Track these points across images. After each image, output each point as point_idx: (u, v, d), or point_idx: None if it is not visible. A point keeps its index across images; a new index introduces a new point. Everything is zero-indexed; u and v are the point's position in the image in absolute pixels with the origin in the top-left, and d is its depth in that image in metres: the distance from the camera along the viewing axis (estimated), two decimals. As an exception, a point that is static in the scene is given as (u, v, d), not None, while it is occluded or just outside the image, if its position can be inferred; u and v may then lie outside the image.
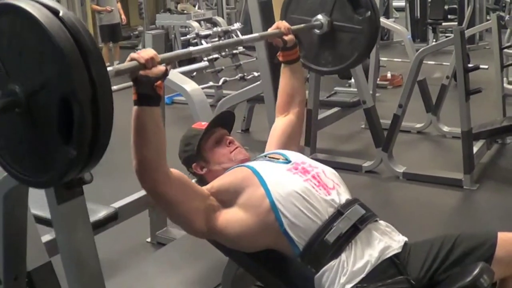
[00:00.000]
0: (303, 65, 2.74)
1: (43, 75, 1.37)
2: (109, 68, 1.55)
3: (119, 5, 10.23)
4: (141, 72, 1.74)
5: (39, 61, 1.37)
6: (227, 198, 2.01)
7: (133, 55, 1.76)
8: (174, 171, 1.91)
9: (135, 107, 1.79)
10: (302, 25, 2.74)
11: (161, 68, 1.78)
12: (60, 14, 1.36)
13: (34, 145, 1.46)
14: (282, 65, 2.50)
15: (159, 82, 1.77)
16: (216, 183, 2.05)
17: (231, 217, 1.99)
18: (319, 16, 2.82)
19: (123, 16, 10.13)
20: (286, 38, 2.42)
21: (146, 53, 1.76)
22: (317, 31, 2.82)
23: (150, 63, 1.75)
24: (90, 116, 1.34)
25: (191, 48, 2.03)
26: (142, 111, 1.78)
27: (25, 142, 1.47)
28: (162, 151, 1.85)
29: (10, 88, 1.41)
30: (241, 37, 2.37)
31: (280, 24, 2.45)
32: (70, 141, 1.36)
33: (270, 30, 2.47)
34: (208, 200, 2.00)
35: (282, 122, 2.43)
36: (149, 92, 1.77)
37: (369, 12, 2.75)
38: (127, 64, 1.73)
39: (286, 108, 2.46)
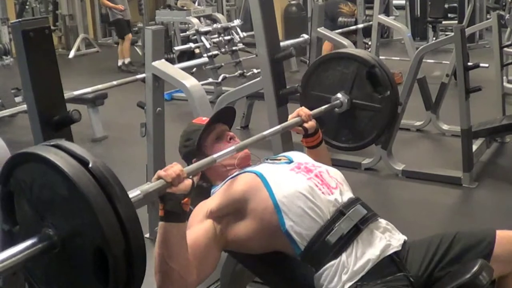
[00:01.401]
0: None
1: (76, 224, 1.38)
2: (136, 192, 1.58)
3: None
4: (168, 190, 1.72)
5: (71, 210, 1.38)
6: (232, 209, 2.00)
7: (160, 173, 1.72)
8: (190, 259, 1.85)
9: (161, 223, 1.76)
10: (323, 108, 2.75)
11: (188, 183, 1.75)
12: (90, 166, 1.36)
13: (70, 283, 1.46)
14: (306, 148, 2.46)
15: (186, 199, 1.75)
16: (214, 205, 2.01)
17: (238, 226, 1.98)
18: (339, 95, 2.86)
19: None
20: (306, 125, 2.39)
21: (172, 170, 1.73)
22: (337, 109, 2.85)
23: (177, 180, 1.72)
24: (124, 265, 1.35)
25: (215, 155, 1.97)
26: (169, 227, 1.76)
27: (62, 279, 1.48)
28: (187, 261, 1.82)
29: (45, 232, 1.41)
30: (264, 133, 2.28)
31: (301, 112, 2.41)
32: (106, 284, 1.37)
33: (290, 118, 2.43)
34: (216, 231, 1.97)
35: None
36: (176, 209, 1.75)
37: (389, 91, 2.78)
38: (154, 184, 1.70)
39: None
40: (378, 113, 2.81)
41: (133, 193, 1.57)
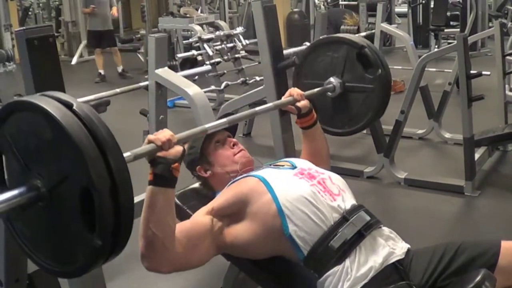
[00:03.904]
0: None
1: (62, 169, 1.39)
2: (127, 154, 1.58)
3: (114, 10, 10.03)
4: (159, 154, 1.74)
5: (57, 155, 1.39)
6: (234, 211, 2.00)
7: (150, 137, 1.76)
8: (176, 234, 1.85)
9: (149, 187, 1.77)
10: (315, 90, 2.75)
11: (178, 149, 1.78)
12: (74, 107, 1.38)
13: (58, 236, 1.47)
14: (302, 130, 2.46)
15: (176, 164, 1.76)
16: (216, 203, 2.02)
17: (239, 228, 1.98)
18: (331, 79, 2.87)
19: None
20: (299, 104, 2.39)
21: (163, 134, 1.76)
22: (330, 94, 2.85)
23: (167, 144, 1.75)
24: (111, 205, 1.36)
25: (207, 125, 2.00)
26: (157, 191, 1.77)
27: (50, 233, 1.48)
28: (172, 232, 1.83)
29: (32, 183, 1.42)
30: (256, 109, 2.32)
31: (293, 91, 2.42)
32: (94, 231, 1.37)
33: (283, 98, 2.44)
34: (214, 228, 1.97)
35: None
36: (166, 174, 1.76)
37: (380, 70, 2.79)
38: (144, 147, 1.73)
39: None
40: (371, 93, 2.81)
41: (124, 155, 1.57)
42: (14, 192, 1.40)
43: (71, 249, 1.45)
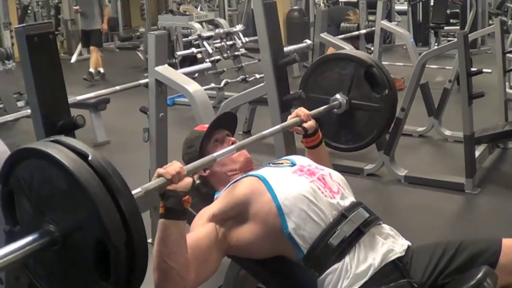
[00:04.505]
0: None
1: (76, 219, 1.39)
2: (137, 190, 1.58)
3: (107, 10, 9.93)
4: (169, 187, 1.73)
5: (71, 204, 1.38)
6: (235, 213, 1.99)
7: (160, 171, 1.74)
8: (189, 259, 1.83)
9: (161, 220, 1.76)
10: (321, 108, 2.75)
11: (188, 181, 1.77)
12: (89, 158, 1.37)
13: (72, 280, 1.46)
14: (306, 149, 2.46)
15: (186, 197, 1.76)
16: (216, 208, 2.02)
17: (241, 230, 1.98)
18: (337, 96, 2.86)
19: (103, 25, 9.72)
20: (306, 125, 2.39)
21: (172, 168, 1.75)
22: (335, 110, 2.84)
23: (177, 178, 1.74)
24: (125, 257, 1.35)
25: (215, 154, 1.99)
26: (169, 224, 1.76)
27: (63, 276, 1.48)
28: (186, 260, 1.81)
29: (45, 228, 1.42)
30: (263, 132, 2.32)
31: (299, 112, 2.42)
32: (108, 278, 1.36)
33: (289, 119, 2.44)
34: (218, 235, 1.97)
35: None
36: (176, 206, 1.75)
37: (387, 90, 2.78)
38: (154, 182, 1.72)
39: None
40: (377, 112, 2.81)
41: (134, 192, 1.57)
42: (28, 238, 1.39)
43: None
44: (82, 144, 1.41)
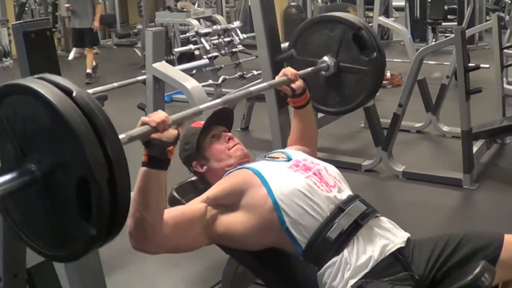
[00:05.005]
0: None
1: (58, 155, 1.36)
2: (121, 136, 1.54)
3: (99, 8, 9.81)
4: (154, 136, 1.72)
5: (54, 141, 1.36)
6: (228, 202, 2.00)
7: (144, 119, 1.73)
8: (166, 218, 1.85)
9: (143, 168, 1.76)
10: (309, 69, 2.74)
11: (173, 132, 1.76)
12: (73, 94, 1.34)
13: (53, 222, 1.44)
14: (293, 109, 2.46)
15: (170, 147, 1.75)
16: (212, 192, 2.03)
17: (233, 220, 1.98)
18: (325, 58, 2.84)
19: (95, 23, 9.60)
20: (294, 85, 2.38)
21: (157, 116, 1.74)
22: (323, 73, 2.83)
23: (162, 126, 1.72)
24: (108, 195, 1.33)
25: (201, 106, 2.00)
26: (150, 173, 1.76)
27: (45, 219, 1.46)
28: (161, 215, 1.82)
29: (27, 167, 1.39)
30: (250, 88, 2.32)
31: (287, 71, 2.40)
32: (89, 218, 1.35)
33: (277, 78, 2.43)
34: (206, 215, 1.97)
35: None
36: (160, 156, 1.75)
37: (375, 53, 2.77)
38: (138, 129, 1.71)
39: (298, 145, 2.44)
40: (365, 75, 2.80)
41: None
42: (7, 177, 1.37)
43: (66, 235, 1.43)
44: (66, 80, 1.38)
